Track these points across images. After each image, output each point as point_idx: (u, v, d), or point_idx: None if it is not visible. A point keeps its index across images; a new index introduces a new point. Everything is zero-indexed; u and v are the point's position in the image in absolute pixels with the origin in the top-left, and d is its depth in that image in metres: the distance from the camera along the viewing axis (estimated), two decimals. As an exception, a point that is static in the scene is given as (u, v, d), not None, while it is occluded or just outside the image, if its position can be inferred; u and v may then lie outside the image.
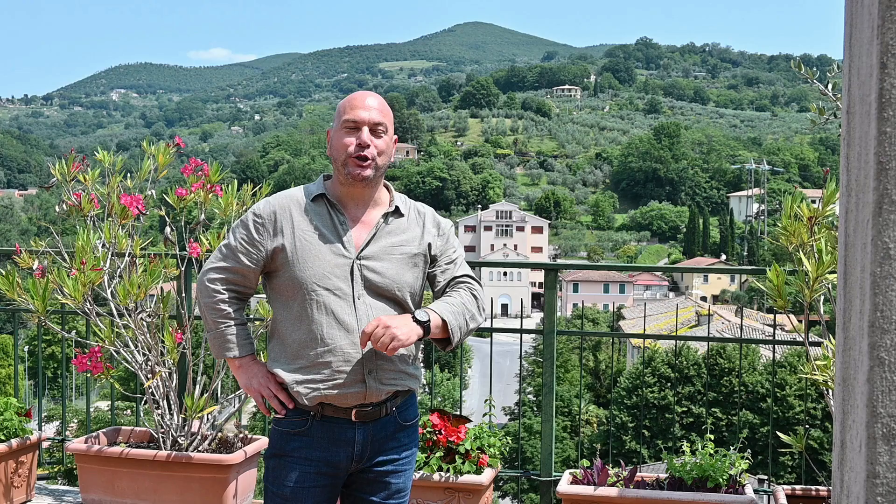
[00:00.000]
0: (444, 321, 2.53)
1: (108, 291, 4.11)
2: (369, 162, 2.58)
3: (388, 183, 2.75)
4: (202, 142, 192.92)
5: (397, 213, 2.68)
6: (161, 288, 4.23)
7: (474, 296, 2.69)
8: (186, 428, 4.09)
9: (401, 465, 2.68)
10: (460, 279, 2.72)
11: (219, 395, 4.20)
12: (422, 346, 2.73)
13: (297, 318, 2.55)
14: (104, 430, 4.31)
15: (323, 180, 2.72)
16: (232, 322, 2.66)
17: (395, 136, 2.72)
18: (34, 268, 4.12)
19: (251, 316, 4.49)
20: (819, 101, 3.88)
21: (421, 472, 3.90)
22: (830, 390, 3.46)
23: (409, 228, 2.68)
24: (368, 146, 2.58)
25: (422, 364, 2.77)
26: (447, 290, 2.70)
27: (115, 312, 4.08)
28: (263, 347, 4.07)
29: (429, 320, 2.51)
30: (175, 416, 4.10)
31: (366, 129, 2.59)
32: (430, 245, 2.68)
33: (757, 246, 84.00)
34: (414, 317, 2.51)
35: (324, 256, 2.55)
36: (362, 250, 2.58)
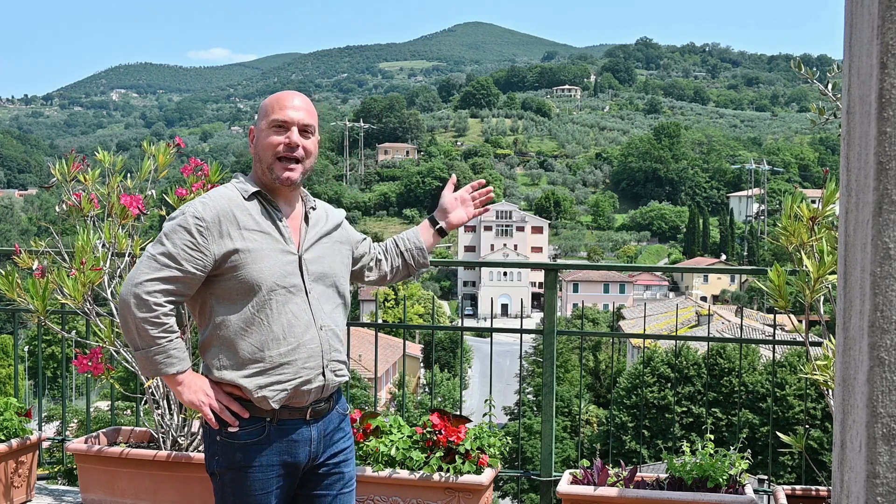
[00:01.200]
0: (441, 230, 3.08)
1: (108, 291, 4.12)
2: (297, 165, 2.57)
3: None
4: (202, 142, 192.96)
5: (317, 208, 2.74)
6: (161, 288, 4.22)
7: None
8: (186, 428, 4.09)
9: (348, 453, 2.72)
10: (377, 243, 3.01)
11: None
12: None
13: (248, 321, 2.48)
14: (104, 430, 4.31)
15: (244, 178, 2.66)
16: (174, 335, 2.50)
17: (319, 137, 2.71)
18: (34, 268, 4.12)
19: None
20: (819, 101, 3.88)
21: (421, 472, 3.90)
22: (830, 390, 3.46)
23: (325, 220, 2.74)
24: (298, 146, 2.56)
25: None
26: (384, 248, 3.01)
27: (115, 312, 4.08)
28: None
29: (438, 222, 3.05)
30: (175, 416, 4.10)
31: (295, 130, 2.56)
32: (344, 231, 2.81)
33: (757, 246, 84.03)
34: (432, 217, 3.08)
35: (274, 255, 2.53)
36: (303, 245, 2.60)
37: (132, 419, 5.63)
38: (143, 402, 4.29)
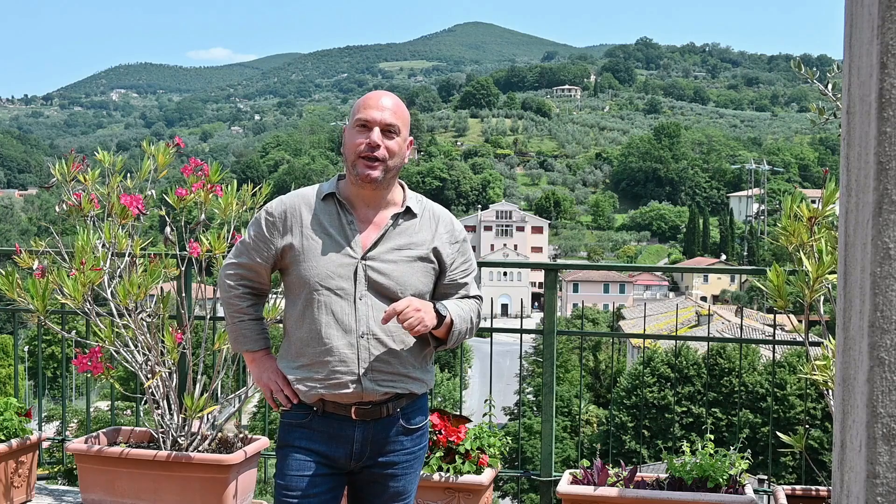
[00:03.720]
0: (451, 322, 2.58)
1: (108, 291, 4.11)
2: (378, 163, 2.54)
3: (402, 182, 2.72)
4: (202, 142, 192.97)
5: (409, 213, 2.65)
6: (161, 288, 4.23)
7: (479, 313, 2.75)
8: (186, 428, 4.09)
9: (400, 469, 2.67)
10: (472, 297, 2.75)
11: (219, 395, 4.20)
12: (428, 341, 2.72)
13: (300, 316, 2.59)
14: (104, 430, 4.31)
15: (337, 180, 2.70)
16: (246, 317, 2.72)
17: (411, 139, 2.68)
18: (34, 268, 4.12)
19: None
20: (819, 101, 3.88)
21: (421, 472, 3.90)
22: (830, 390, 3.46)
23: (420, 230, 2.65)
24: (378, 147, 2.54)
25: (433, 366, 2.77)
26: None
27: (115, 312, 4.08)
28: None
29: (445, 317, 2.56)
30: (175, 416, 4.10)
31: (377, 130, 2.55)
32: (437, 250, 2.65)
33: (757, 246, 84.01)
34: (436, 307, 2.55)
35: (329, 256, 2.56)
36: (368, 251, 2.57)
37: (132, 419, 5.64)
38: (143, 402, 4.29)
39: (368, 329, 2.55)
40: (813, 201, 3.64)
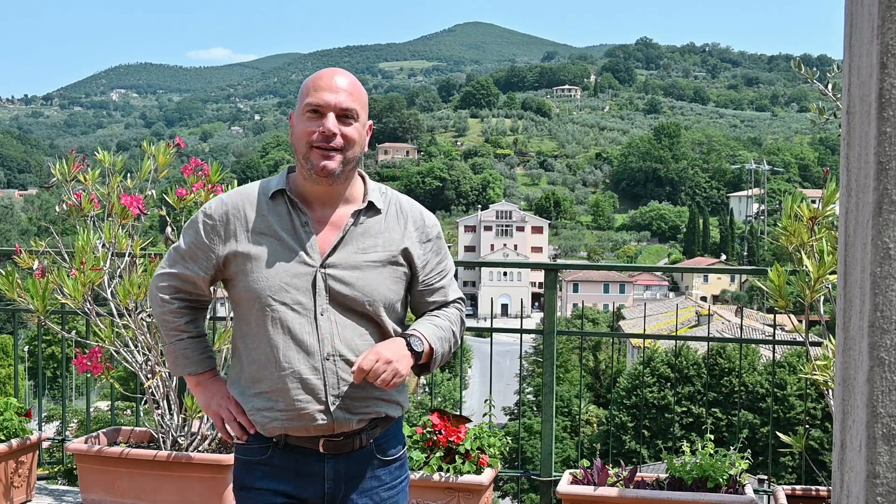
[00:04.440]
0: (432, 350, 2.23)
1: (108, 291, 4.12)
2: (335, 153, 2.19)
3: (363, 173, 2.36)
4: (202, 142, 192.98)
5: (372, 209, 2.29)
6: (161, 288, 4.22)
7: (462, 319, 2.39)
8: (186, 428, 4.09)
9: None
10: (453, 301, 2.39)
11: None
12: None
13: (254, 334, 2.22)
14: (104, 430, 4.31)
15: (287, 174, 2.33)
16: (185, 335, 2.35)
17: (370, 123, 2.32)
18: (34, 268, 4.12)
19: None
20: (819, 101, 3.88)
21: (421, 472, 3.90)
22: (830, 390, 3.46)
23: (385, 229, 2.29)
24: (334, 135, 2.18)
25: (407, 386, 2.40)
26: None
27: (115, 312, 4.08)
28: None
29: (421, 351, 2.20)
30: (175, 416, 4.10)
31: (331, 116, 2.19)
32: (407, 251, 2.29)
33: (757, 246, 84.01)
34: (409, 345, 2.18)
35: (281, 264, 2.20)
36: (327, 257, 2.21)
37: (132, 419, 5.63)
38: (143, 402, 4.29)
39: (334, 349, 2.19)
40: (813, 201, 3.64)
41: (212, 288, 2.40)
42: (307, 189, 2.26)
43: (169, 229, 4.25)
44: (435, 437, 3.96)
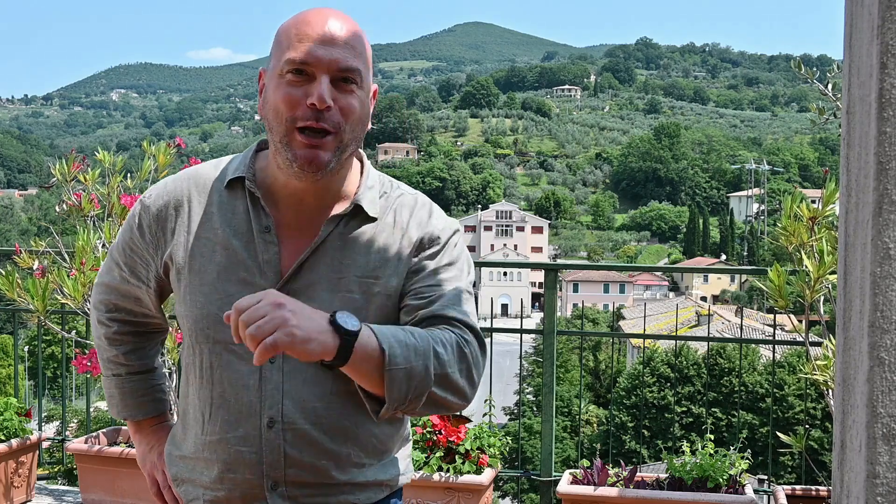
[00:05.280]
0: (382, 351, 1.38)
1: (108, 291, 4.11)
2: (329, 139, 1.50)
3: (363, 157, 1.68)
4: (202, 142, 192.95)
5: (360, 215, 1.60)
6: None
7: (461, 348, 1.49)
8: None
9: None
10: (447, 320, 1.53)
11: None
12: (405, 418, 1.69)
13: (184, 378, 1.66)
14: (104, 430, 4.31)
15: (254, 152, 1.66)
16: (124, 369, 1.78)
17: (375, 87, 1.61)
18: (34, 268, 4.12)
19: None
20: (819, 101, 3.88)
21: (421, 472, 3.90)
22: (830, 390, 3.46)
23: (377, 244, 1.59)
24: (329, 108, 1.48)
25: (408, 445, 1.75)
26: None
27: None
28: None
29: (357, 331, 1.36)
30: (175, 416, 4.10)
31: (325, 80, 1.48)
32: (403, 276, 1.59)
33: (757, 246, 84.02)
34: (333, 317, 1.36)
35: (224, 285, 1.56)
36: (289, 279, 1.55)
37: (132, 419, 5.64)
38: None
39: (281, 413, 1.54)
40: (813, 201, 3.64)
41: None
42: (280, 181, 1.59)
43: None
44: (435, 437, 3.96)
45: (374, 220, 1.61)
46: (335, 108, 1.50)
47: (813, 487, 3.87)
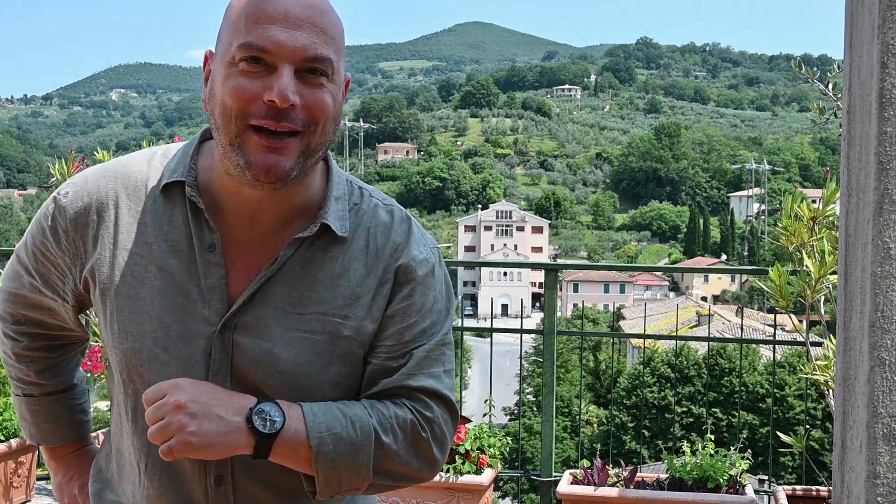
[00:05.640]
0: (310, 447, 1.23)
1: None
2: (291, 142, 1.24)
3: (330, 161, 1.39)
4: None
5: (327, 234, 1.33)
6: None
7: (417, 432, 1.31)
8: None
9: None
10: (411, 392, 1.33)
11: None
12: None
13: (122, 415, 1.39)
14: (104, 429, 4.31)
15: (197, 144, 1.40)
16: (37, 389, 1.51)
17: (347, 76, 1.35)
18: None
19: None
20: (819, 101, 3.88)
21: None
22: (831, 390, 3.46)
23: (346, 272, 1.33)
24: (293, 107, 1.22)
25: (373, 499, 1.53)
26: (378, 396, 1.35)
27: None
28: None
29: (276, 432, 1.21)
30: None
31: (286, 71, 1.22)
32: (376, 313, 1.34)
33: (757, 246, 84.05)
34: (255, 407, 1.22)
35: (159, 317, 1.30)
36: (238, 311, 1.29)
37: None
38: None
39: (232, 470, 1.32)
40: (813, 201, 3.64)
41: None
42: (229, 188, 1.31)
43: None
44: (435, 438, 3.96)
45: (343, 240, 1.34)
46: (301, 105, 1.23)
47: (813, 488, 3.87)
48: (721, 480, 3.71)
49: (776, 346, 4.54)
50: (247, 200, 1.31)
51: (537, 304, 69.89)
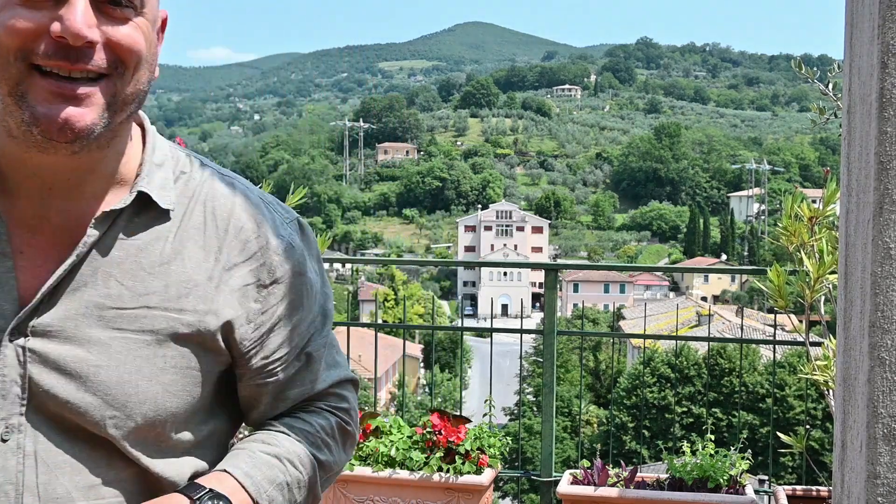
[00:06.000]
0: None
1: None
2: (91, 89, 0.99)
3: (145, 121, 1.18)
4: (202, 142, 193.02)
5: (151, 209, 1.10)
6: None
7: (342, 429, 1.25)
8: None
9: None
10: (323, 396, 1.24)
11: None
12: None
13: None
14: None
15: None
16: None
17: (164, 12, 1.11)
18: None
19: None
20: (819, 101, 3.88)
21: (421, 472, 3.90)
22: (831, 390, 3.46)
23: (176, 257, 1.09)
24: (91, 44, 0.98)
25: None
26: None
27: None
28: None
29: None
30: None
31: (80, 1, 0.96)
32: (222, 312, 1.10)
33: (757, 246, 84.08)
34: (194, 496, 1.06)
35: None
36: (34, 313, 1.03)
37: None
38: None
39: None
40: (813, 201, 3.64)
41: None
42: (14, 154, 1.03)
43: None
44: (435, 438, 3.96)
45: (168, 215, 1.09)
46: (102, 44, 0.98)
47: (813, 488, 3.87)
48: (721, 480, 3.71)
49: (776, 347, 4.54)
50: (37, 170, 1.02)
51: (537, 304, 69.90)
